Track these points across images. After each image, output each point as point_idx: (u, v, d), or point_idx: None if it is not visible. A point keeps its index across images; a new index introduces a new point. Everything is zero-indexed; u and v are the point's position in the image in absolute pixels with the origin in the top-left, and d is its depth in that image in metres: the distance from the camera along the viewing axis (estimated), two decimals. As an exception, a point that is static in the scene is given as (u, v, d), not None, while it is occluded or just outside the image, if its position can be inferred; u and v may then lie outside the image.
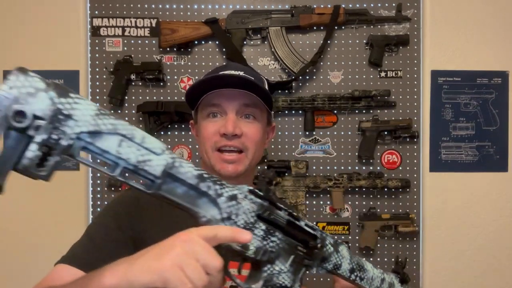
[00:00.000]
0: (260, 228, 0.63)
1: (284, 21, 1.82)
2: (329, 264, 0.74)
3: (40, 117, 0.44)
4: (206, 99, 0.95)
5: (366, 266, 0.82)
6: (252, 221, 0.62)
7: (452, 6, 1.85)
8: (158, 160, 0.53)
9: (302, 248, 0.69)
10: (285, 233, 0.66)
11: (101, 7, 1.86)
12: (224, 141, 0.93)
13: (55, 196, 1.85)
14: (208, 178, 0.59)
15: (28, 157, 0.46)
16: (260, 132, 0.97)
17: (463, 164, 1.85)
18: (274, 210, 0.65)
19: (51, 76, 1.86)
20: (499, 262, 1.85)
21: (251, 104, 0.95)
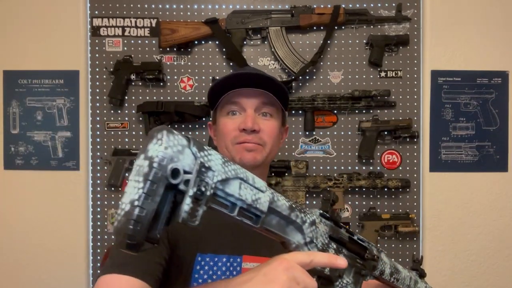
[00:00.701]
0: (332, 248, 0.68)
1: (284, 21, 1.82)
2: (377, 271, 0.78)
3: (188, 172, 0.47)
4: (225, 98, 1.01)
5: (398, 267, 0.86)
6: (326, 242, 0.67)
7: (452, 6, 1.85)
8: (265, 197, 0.57)
9: (359, 260, 0.73)
10: (348, 249, 0.71)
11: (101, 7, 1.86)
12: (244, 136, 0.98)
13: (55, 196, 1.85)
14: (296, 208, 0.62)
15: (185, 211, 0.47)
16: (277, 129, 1.03)
17: (463, 164, 1.85)
18: (339, 230, 0.70)
19: (51, 76, 1.86)
20: (499, 262, 1.85)
21: (268, 102, 1.00)
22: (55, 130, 1.87)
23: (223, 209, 0.54)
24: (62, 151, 1.87)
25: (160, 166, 0.45)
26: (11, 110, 1.87)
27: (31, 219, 1.85)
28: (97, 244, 1.85)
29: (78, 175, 1.86)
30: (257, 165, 0.99)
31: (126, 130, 1.87)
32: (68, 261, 1.83)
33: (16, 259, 1.85)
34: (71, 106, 1.87)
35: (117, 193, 1.86)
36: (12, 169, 1.87)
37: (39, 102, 1.87)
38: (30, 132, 1.87)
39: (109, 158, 1.84)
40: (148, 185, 0.44)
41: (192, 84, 1.87)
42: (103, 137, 1.87)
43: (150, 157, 0.45)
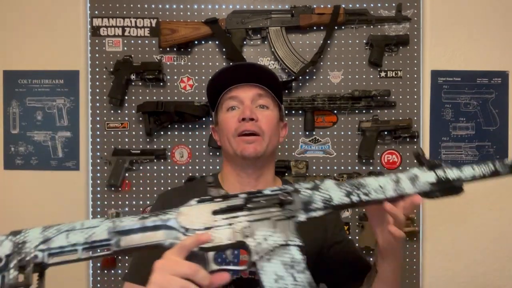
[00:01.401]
0: (221, 220, 0.75)
1: (284, 21, 1.82)
2: (316, 203, 0.79)
3: (8, 254, 0.69)
4: (223, 97, 1.09)
5: (365, 180, 0.82)
6: (209, 219, 0.75)
7: (452, 6, 1.85)
8: (100, 229, 0.71)
9: (275, 209, 0.77)
10: (249, 209, 0.77)
11: (101, 7, 1.86)
12: (243, 126, 1.03)
13: (55, 196, 1.85)
14: (149, 216, 0.74)
15: (11, 278, 0.67)
16: (275, 118, 1.08)
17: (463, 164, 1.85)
18: (229, 201, 0.77)
19: (51, 76, 1.86)
20: (499, 262, 1.85)
21: (263, 94, 1.07)
22: (55, 130, 1.87)
23: (71, 256, 0.70)
24: (62, 151, 1.87)
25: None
26: (11, 110, 1.87)
27: (31, 219, 1.84)
28: (97, 244, 1.85)
29: (78, 175, 1.86)
30: (258, 156, 1.04)
31: (126, 130, 1.87)
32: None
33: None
34: (71, 106, 1.87)
35: (117, 193, 1.86)
36: (12, 169, 1.87)
37: (39, 102, 1.87)
38: (30, 132, 1.87)
39: (109, 158, 1.84)
40: None
41: (192, 84, 1.87)
42: (103, 137, 1.87)
43: None
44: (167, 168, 1.86)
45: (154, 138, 1.86)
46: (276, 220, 0.76)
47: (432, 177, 0.82)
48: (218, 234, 0.74)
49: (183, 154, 1.87)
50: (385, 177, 0.82)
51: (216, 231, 0.74)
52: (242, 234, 0.74)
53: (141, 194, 1.86)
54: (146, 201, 1.86)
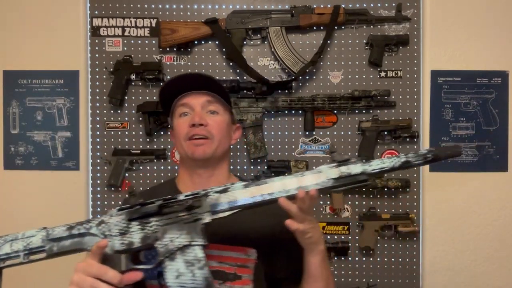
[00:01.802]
0: (135, 226, 0.87)
1: (284, 21, 1.82)
2: (222, 206, 0.87)
3: None
4: (176, 103, 1.17)
5: (272, 181, 0.87)
6: (124, 225, 0.87)
7: (452, 6, 1.85)
8: (36, 238, 0.89)
9: (184, 212, 0.87)
10: (162, 214, 0.87)
11: (101, 7, 1.86)
12: (193, 130, 1.11)
13: (55, 196, 1.85)
14: (75, 225, 0.89)
15: None
16: (224, 123, 1.16)
17: (463, 164, 1.85)
18: (144, 208, 0.88)
19: (51, 76, 1.86)
20: (499, 262, 1.85)
21: (213, 100, 1.15)
22: (55, 130, 1.87)
23: (15, 261, 0.89)
24: (62, 151, 1.87)
25: None
26: (11, 110, 1.88)
27: (31, 219, 1.84)
28: (97, 244, 1.85)
29: (78, 175, 1.86)
30: (207, 157, 1.12)
31: (126, 130, 1.87)
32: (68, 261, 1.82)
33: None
34: (71, 106, 1.87)
35: (117, 193, 1.86)
36: (12, 169, 1.87)
37: (39, 102, 1.87)
38: (30, 132, 1.87)
39: (109, 158, 1.84)
40: None
41: (192, 84, 1.87)
42: (103, 137, 1.87)
43: None
44: (167, 168, 1.86)
45: (154, 138, 1.86)
46: (184, 223, 0.86)
47: (335, 173, 0.86)
48: (131, 239, 0.86)
49: (183, 154, 1.87)
50: (291, 176, 0.88)
51: (130, 236, 0.86)
52: (152, 237, 0.85)
53: (141, 194, 1.86)
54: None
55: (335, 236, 1.85)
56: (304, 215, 0.88)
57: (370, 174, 0.86)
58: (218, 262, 1.02)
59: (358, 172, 0.86)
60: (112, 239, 0.86)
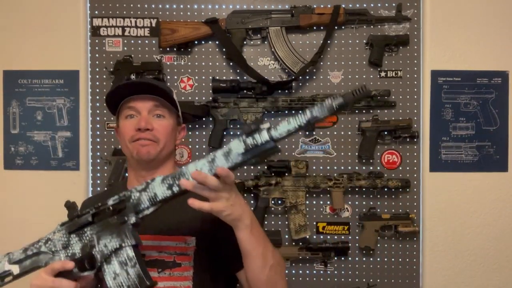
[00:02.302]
0: (74, 238, 0.96)
1: (284, 21, 1.82)
2: (144, 204, 0.90)
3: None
4: (123, 104, 1.18)
5: (186, 168, 0.88)
6: (65, 239, 0.96)
7: (452, 6, 1.85)
8: (1, 264, 1.00)
9: (113, 217, 0.92)
10: (95, 223, 0.93)
11: (101, 7, 1.86)
12: (139, 134, 1.14)
13: (55, 196, 1.85)
14: (29, 247, 1.00)
15: None
16: (170, 127, 1.19)
17: (463, 164, 1.85)
18: (79, 220, 0.95)
19: (51, 76, 1.86)
20: (499, 262, 1.85)
21: (160, 105, 1.17)
22: (55, 130, 1.87)
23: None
24: (62, 151, 1.87)
25: None
26: (11, 110, 1.87)
27: (31, 219, 1.84)
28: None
29: (78, 175, 1.86)
30: (151, 158, 1.15)
31: (126, 130, 1.86)
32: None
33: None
34: (71, 106, 1.87)
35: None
36: (12, 169, 1.87)
37: (39, 102, 1.87)
38: (30, 132, 1.87)
39: (109, 158, 1.84)
40: None
41: (192, 84, 1.87)
42: (103, 137, 1.87)
43: None
44: (167, 168, 1.86)
45: (154, 138, 1.86)
46: (114, 227, 0.91)
47: (242, 147, 0.83)
48: (73, 250, 0.94)
49: (183, 154, 1.87)
50: (203, 160, 0.88)
51: (71, 248, 0.95)
52: (89, 245, 0.93)
53: (141, 194, 1.86)
54: (146, 201, 1.86)
55: (335, 236, 1.85)
56: (217, 194, 0.87)
57: (278, 139, 0.83)
58: (158, 252, 1.08)
59: (264, 141, 0.82)
60: (59, 253, 0.96)
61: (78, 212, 0.97)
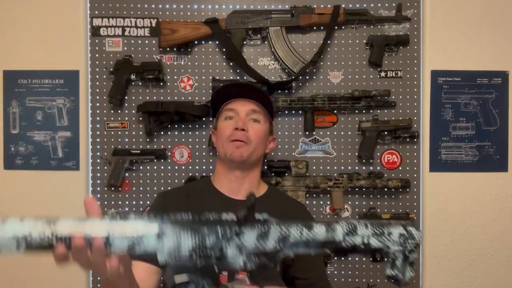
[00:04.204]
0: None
1: (284, 21, 1.82)
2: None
3: None
4: (224, 107, 1.33)
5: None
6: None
7: (452, 6, 1.85)
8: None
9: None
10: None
11: (101, 7, 1.86)
12: (236, 134, 1.26)
13: (55, 196, 1.85)
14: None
15: None
16: (263, 132, 1.30)
17: (463, 164, 1.85)
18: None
19: (51, 76, 1.86)
20: (499, 262, 1.85)
21: (257, 110, 1.30)
22: (55, 130, 1.87)
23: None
24: (62, 151, 1.87)
25: None
26: (11, 110, 1.87)
27: (31, 219, 1.84)
28: (97, 244, 1.84)
29: (78, 175, 1.86)
30: (243, 159, 1.25)
31: (126, 130, 1.87)
32: (68, 261, 1.83)
33: (16, 258, 1.85)
34: (71, 106, 1.87)
35: (117, 193, 1.86)
36: (12, 169, 1.87)
37: (39, 102, 1.87)
38: (30, 132, 1.87)
39: (109, 158, 1.84)
40: None
41: (192, 84, 1.87)
42: (103, 137, 1.87)
43: None
44: (167, 168, 1.86)
45: (154, 138, 1.86)
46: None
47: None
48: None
49: (183, 154, 1.87)
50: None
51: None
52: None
53: (141, 194, 1.86)
54: (146, 201, 1.86)
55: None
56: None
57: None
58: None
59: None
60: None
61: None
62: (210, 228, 0.67)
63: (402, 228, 0.72)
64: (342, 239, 0.69)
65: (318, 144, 1.87)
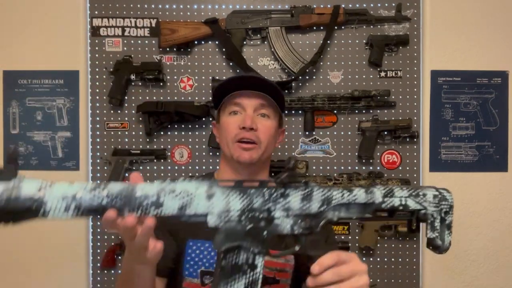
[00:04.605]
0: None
1: (284, 21, 1.82)
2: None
3: None
4: (228, 99, 1.12)
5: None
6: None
7: (452, 6, 1.85)
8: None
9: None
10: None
11: (101, 7, 1.86)
12: (243, 133, 1.08)
13: (55, 196, 1.85)
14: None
15: None
16: (273, 129, 1.13)
17: (463, 164, 1.85)
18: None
19: (51, 76, 1.86)
20: (499, 262, 1.85)
21: (266, 104, 1.11)
22: (55, 130, 1.87)
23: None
24: (62, 151, 1.87)
25: None
26: (11, 110, 1.87)
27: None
28: (97, 244, 1.85)
29: (78, 175, 1.86)
30: (253, 162, 1.09)
31: (126, 130, 1.87)
32: (68, 261, 1.83)
33: (16, 259, 1.85)
34: (71, 106, 1.87)
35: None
36: (12, 169, 1.87)
37: (39, 102, 1.87)
38: (30, 132, 1.87)
39: (109, 158, 1.84)
40: None
41: (192, 84, 1.87)
42: (103, 137, 1.87)
43: None
44: (167, 168, 1.86)
45: (154, 138, 1.86)
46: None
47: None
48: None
49: (183, 154, 1.87)
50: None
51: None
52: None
53: (141, 194, 1.86)
54: (146, 201, 1.86)
55: (335, 236, 1.85)
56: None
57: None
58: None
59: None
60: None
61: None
62: (256, 190, 0.67)
63: (435, 190, 0.76)
64: (382, 201, 0.72)
65: (318, 144, 1.87)
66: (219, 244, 0.66)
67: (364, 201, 0.71)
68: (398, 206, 0.73)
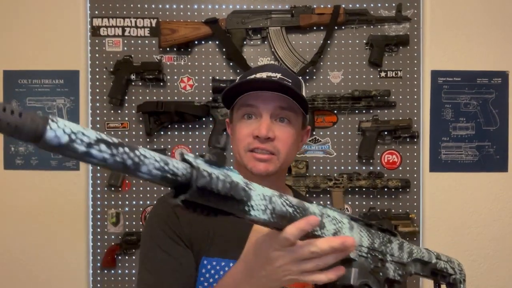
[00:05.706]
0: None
1: (284, 21, 1.82)
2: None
3: None
4: (242, 99, 0.95)
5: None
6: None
7: (452, 6, 1.85)
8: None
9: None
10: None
11: (101, 7, 1.86)
12: (257, 144, 0.92)
13: (55, 196, 1.85)
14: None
15: None
16: (293, 136, 0.96)
17: (463, 164, 1.85)
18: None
19: (51, 76, 1.86)
20: (499, 262, 1.85)
21: (286, 107, 0.94)
22: (55, 130, 1.87)
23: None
24: (62, 151, 1.87)
25: None
26: (11, 110, 1.87)
27: (31, 219, 1.84)
28: (97, 244, 1.85)
29: (78, 175, 1.86)
30: (269, 174, 0.93)
31: (126, 130, 1.87)
32: (68, 261, 1.83)
33: (16, 259, 1.85)
34: (71, 106, 1.87)
35: (117, 193, 1.86)
36: (12, 169, 1.87)
37: (39, 102, 1.87)
38: (30, 132, 1.87)
39: (109, 158, 1.84)
40: None
41: (192, 84, 1.87)
42: (103, 137, 1.86)
43: None
44: (167, 168, 1.86)
45: (154, 138, 1.86)
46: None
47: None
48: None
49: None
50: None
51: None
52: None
53: (141, 194, 1.86)
54: (146, 201, 1.86)
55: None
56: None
57: None
58: None
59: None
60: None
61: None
62: (375, 231, 0.70)
63: (456, 260, 0.89)
64: (436, 261, 0.82)
65: (318, 144, 1.87)
66: (355, 279, 0.63)
67: (427, 260, 0.79)
68: (443, 269, 0.82)
